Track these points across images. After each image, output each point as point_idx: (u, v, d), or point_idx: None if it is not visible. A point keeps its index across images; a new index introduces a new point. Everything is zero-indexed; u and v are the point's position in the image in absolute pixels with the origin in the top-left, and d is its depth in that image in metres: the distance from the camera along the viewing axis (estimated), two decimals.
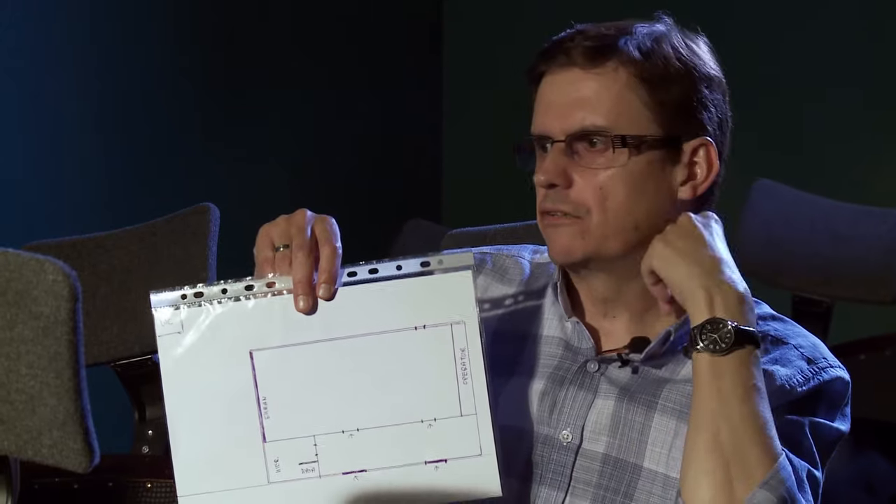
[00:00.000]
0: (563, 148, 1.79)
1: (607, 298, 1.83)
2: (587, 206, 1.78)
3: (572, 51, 1.80)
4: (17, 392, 1.62)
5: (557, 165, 1.78)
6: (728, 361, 1.69)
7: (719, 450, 1.67)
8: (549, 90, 1.82)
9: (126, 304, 2.76)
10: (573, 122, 1.79)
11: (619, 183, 1.78)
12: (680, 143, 1.81)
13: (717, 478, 1.67)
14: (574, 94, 1.79)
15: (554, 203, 1.79)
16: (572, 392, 1.81)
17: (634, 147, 1.78)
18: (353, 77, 5.11)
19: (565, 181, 1.78)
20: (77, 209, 4.09)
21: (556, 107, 1.80)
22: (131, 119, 4.31)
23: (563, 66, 1.80)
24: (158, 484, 2.39)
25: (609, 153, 1.78)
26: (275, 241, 1.70)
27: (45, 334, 1.61)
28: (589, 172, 1.78)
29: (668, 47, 1.82)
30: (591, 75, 1.79)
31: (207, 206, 2.77)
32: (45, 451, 1.63)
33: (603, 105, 1.78)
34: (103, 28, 4.21)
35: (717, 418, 1.68)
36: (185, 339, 1.70)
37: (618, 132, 1.78)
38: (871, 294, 3.62)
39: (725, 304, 1.71)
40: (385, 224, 4.69)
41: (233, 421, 1.69)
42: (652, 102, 1.79)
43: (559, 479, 1.79)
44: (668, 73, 1.80)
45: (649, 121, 1.79)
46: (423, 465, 1.70)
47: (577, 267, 1.81)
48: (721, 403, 1.68)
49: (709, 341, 1.70)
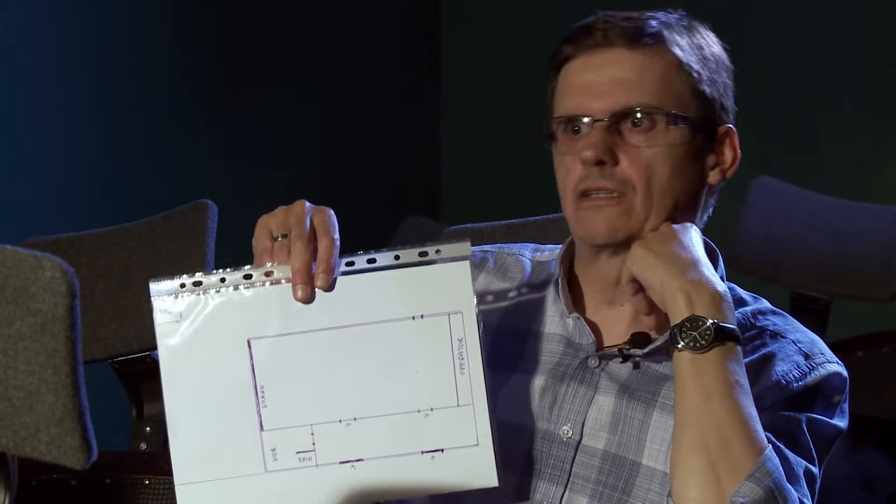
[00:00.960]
0: (606, 126, 1.79)
1: (619, 283, 1.82)
2: (632, 183, 1.78)
3: (611, 31, 1.80)
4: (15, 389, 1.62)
5: (605, 142, 1.78)
6: (708, 358, 1.70)
7: (705, 447, 1.67)
8: (583, 71, 1.81)
9: (124, 300, 2.76)
10: (618, 101, 1.79)
11: (663, 161, 1.79)
12: (714, 128, 1.83)
13: (703, 475, 1.67)
14: (616, 73, 1.80)
15: (597, 181, 1.78)
16: (573, 388, 1.81)
17: (680, 126, 1.79)
18: (352, 75, 5.11)
19: (612, 158, 1.78)
20: (75, 206, 4.08)
21: (595, 86, 1.80)
22: (129, 116, 4.30)
23: (601, 46, 1.80)
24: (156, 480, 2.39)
25: (653, 132, 1.79)
26: (273, 231, 1.70)
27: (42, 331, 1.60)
28: (633, 150, 1.79)
29: (700, 34, 1.85)
30: (634, 55, 1.80)
31: (205, 202, 2.77)
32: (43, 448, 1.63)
33: (647, 84, 1.79)
34: (102, 26, 4.21)
35: (700, 415, 1.68)
36: (183, 327, 1.70)
37: (666, 110, 1.79)
38: (869, 291, 3.63)
39: (703, 303, 1.71)
40: (383, 221, 4.69)
41: (230, 409, 1.70)
42: (692, 85, 1.81)
43: (558, 474, 1.79)
44: (704, 58, 1.83)
45: (690, 103, 1.81)
46: (420, 454, 1.70)
47: (611, 248, 1.81)
48: (704, 400, 1.69)
49: (689, 339, 1.70)
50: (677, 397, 1.72)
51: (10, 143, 3.91)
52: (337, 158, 5.06)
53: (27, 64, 3.96)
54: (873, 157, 4.82)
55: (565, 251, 1.88)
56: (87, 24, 4.16)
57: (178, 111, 4.49)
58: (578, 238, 1.84)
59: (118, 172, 4.26)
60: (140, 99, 4.34)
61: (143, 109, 4.35)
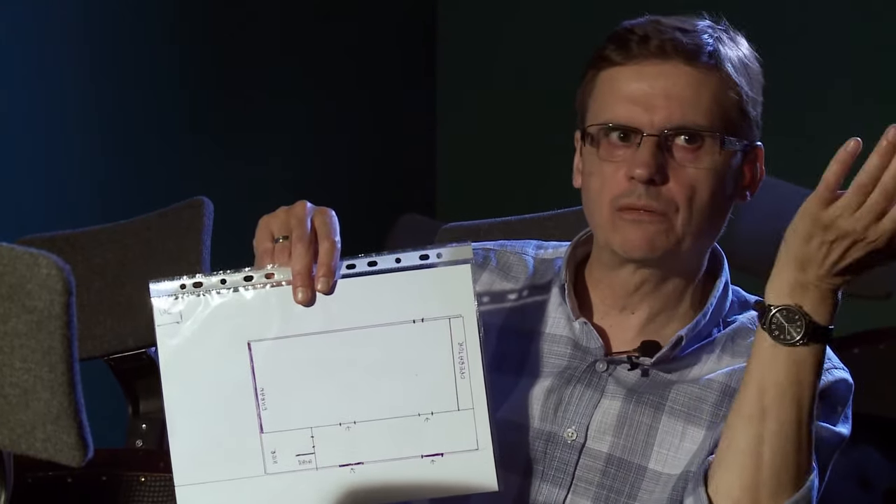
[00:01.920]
0: (657, 142, 1.76)
1: (637, 292, 1.81)
2: (676, 204, 1.76)
3: (668, 43, 1.76)
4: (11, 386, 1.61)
5: (656, 160, 1.75)
6: (788, 355, 1.64)
7: (756, 450, 1.64)
8: (634, 79, 1.77)
9: (120, 298, 2.75)
10: (671, 118, 1.76)
11: (707, 183, 1.76)
12: (752, 148, 1.81)
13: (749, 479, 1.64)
14: (671, 88, 1.76)
15: (644, 200, 1.75)
16: (579, 390, 1.81)
17: (728, 149, 1.77)
18: (348, 73, 5.11)
19: (662, 177, 1.75)
20: (71, 203, 4.08)
21: (646, 98, 1.76)
22: (126, 114, 4.30)
23: (658, 58, 1.77)
24: (152, 478, 2.39)
25: (701, 152, 1.76)
26: (274, 233, 1.70)
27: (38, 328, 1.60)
28: (681, 170, 1.76)
29: (745, 51, 1.82)
30: (693, 71, 1.76)
31: (201, 199, 2.77)
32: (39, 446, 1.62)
33: (703, 103, 1.76)
34: (99, 24, 4.21)
35: (763, 415, 1.65)
36: (183, 328, 1.70)
37: (717, 132, 1.76)
38: (865, 288, 3.62)
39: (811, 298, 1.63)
40: (380, 219, 4.69)
41: (230, 411, 1.69)
42: (740, 104, 1.78)
43: (562, 476, 1.78)
44: (749, 78, 1.80)
45: (736, 123, 1.78)
46: (420, 458, 1.69)
47: (646, 262, 1.79)
48: (775, 400, 1.64)
49: (776, 326, 1.63)
50: (744, 379, 1.67)
51: (6, 141, 3.91)
52: (333, 156, 5.06)
53: (24, 61, 3.96)
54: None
55: (571, 253, 1.87)
56: (84, 22, 4.16)
57: (175, 109, 4.49)
58: (611, 247, 1.80)
59: (114, 170, 4.26)
60: (137, 97, 4.33)
61: (140, 107, 4.35)
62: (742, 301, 1.86)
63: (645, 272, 1.80)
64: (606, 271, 1.83)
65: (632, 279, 1.81)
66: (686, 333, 1.79)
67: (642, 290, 1.81)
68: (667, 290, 1.81)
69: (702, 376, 1.80)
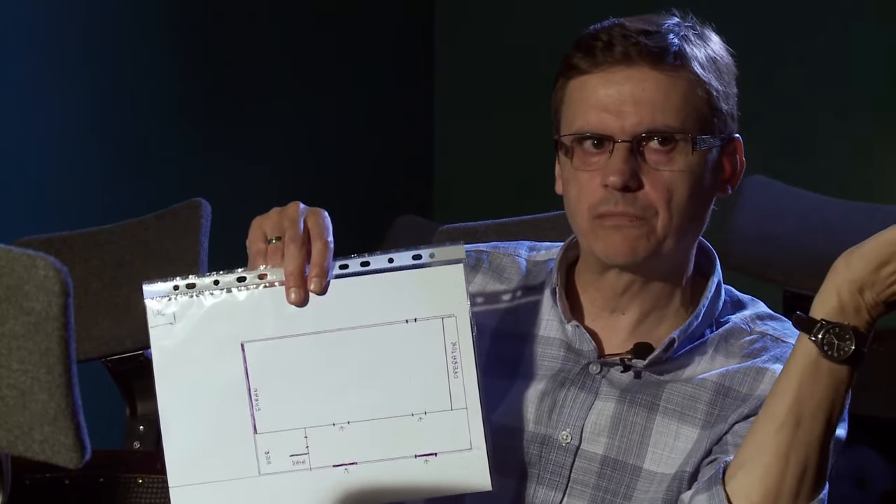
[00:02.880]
0: (630, 148, 1.76)
1: (625, 294, 1.82)
2: (655, 208, 1.76)
3: (632, 48, 1.76)
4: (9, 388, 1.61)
5: (629, 166, 1.75)
6: (831, 370, 1.64)
7: (786, 456, 1.64)
8: (602, 86, 1.77)
9: (117, 299, 2.75)
10: (641, 122, 1.75)
11: (684, 183, 1.76)
12: (728, 143, 1.81)
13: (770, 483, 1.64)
14: (639, 93, 1.76)
15: (621, 206, 1.75)
16: (573, 393, 1.81)
17: (701, 147, 1.77)
18: (345, 74, 5.11)
19: (636, 183, 1.76)
20: (68, 205, 4.08)
21: (615, 104, 1.76)
22: (123, 115, 4.30)
23: (623, 64, 1.76)
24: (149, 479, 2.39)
25: (674, 154, 1.76)
26: (267, 234, 1.69)
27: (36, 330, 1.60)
28: (655, 173, 1.76)
29: (715, 46, 1.82)
30: (659, 75, 1.76)
31: (199, 201, 2.77)
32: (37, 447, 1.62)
33: (672, 105, 1.76)
34: (96, 25, 4.21)
35: (798, 424, 1.64)
36: (177, 330, 1.70)
37: (690, 133, 1.76)
38: None
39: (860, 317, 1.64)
40: (377, 220, 4.69)
41: (224, 412, 1.69)
42: (710, 102, 1.78)
43: (557, 479, 1.79)
44: (720, 73, 1.80)
45: (708, 121, 1.78)
46: (414, 458, 1.70)
47: (630, 267, 1.79)
48: (808, 410, 1.64)
49: (827, 343, 1.63)
50: (780, 388, 1.66)
51: (3, 142, 3.91)
52: (330, 158, 5.06)
53: (20, 63, 3.96)
54: (866, 156, 4.82)
55: (563, 256, 1.87)
56: (81, 23, 4.15)
57: (172, 111, 4.49)
58: (594, 255, 1.80)
59: (112, 171, 4.26)
60: (134, 98, 4.33)
61: (137, 109, 4.35)
62: (735, 301, 1.86)
63: (630, 275, 1.80)
64: (593, 275, 1.83)
65: (618, 282, 1.81)
66: (678, 335, 1.79)
67: (630, 291, 1.81)
68: (655, 290, 1.82)
69: (695, 376, 1.80)
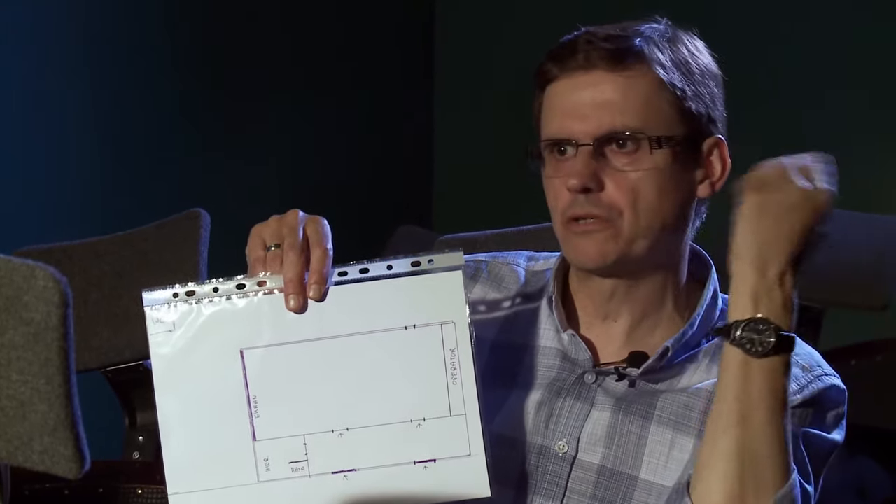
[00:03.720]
0: (591, 151, 1.77)
1: (613, 299, 1.82)
2: (619, 209, 1.77)
3: (593, 53, 1.78)
4: (8, 398, 1.61)
5: (589, 168, 1.77)
6: (763, 366, 1.66)
7: (739, 458, 1.66)
8: (567, 92, 1.80)
9: (117, 309, 2.75)
10: (602, 125, 1.77)
11: (649, 183, 1.78)
12: (700, 142, 1.82)
13: (731, 486, 1.65)
14: (599, 96, 1.78)
15: (585, 208, 1.77)
16: (569, 403, 1.81)
17: (665, 147, 1.78)
18: (345, 82, 5.11)
19: (598, 185, 1.77)
20: (68, 215, 4.08)
21: (578, 109, 1.78)
22: (123, 125, 4.30)
23: (584, 69, 1.79)
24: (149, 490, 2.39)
25: (638, 154, 1.77)
26: (266, 241, 1.70)
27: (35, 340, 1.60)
28: (619, 175, 1.78)
29: (683, 46, 1.83)
30: (617, 77, 1.78)
31: (198, 211, 2.77)
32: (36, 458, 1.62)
33: (631, 106, 1.78)
34: (96, 32, 4.21)
35: (742, 425, 1.66)
36: (176, 337, 1.70)
37: (650, 133, 1.78)
38: (861, 300, 3.62)
39: (775, 305, 1.66)
40: (377, 230, 4.68)
41: (223, 419, 1.69)
42: (675, 102, 1.79)
43: (554, 489, 1.79)
44: (687, 72, 1.81)
45: (674, 121, 1.79)
46: (413, 465, 1.70)
47: (604, 271, 1.80)
48: (749, 409, 1.66)
49: (747, 341, 1.66)
50: (719, 395, 1.69)
51: (2, 152, 3.91)
52: (330, 167, 5.06)
53: (20, 70, 3.96)
54: (865, 166, 4.82)
55: (560, 265, 1.88)
56: (81, 31, 4.16)
57: (172, 119, 4.49)
58: (570, 261, 1.83)
59: (111, 181, 4.26)
60: (134, 107, 4.33)
61: (137, 118, 4.35)
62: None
63: (613, 279, 1.81)
64: (582, 281, 1.85)
65: (603, 287, 1.82)
66: (672, 344, 1.79)
67: (617, 296, 1.82)
68: (642, 294, 1.82)
69: (690, 385, 1.80)
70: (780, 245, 1.67)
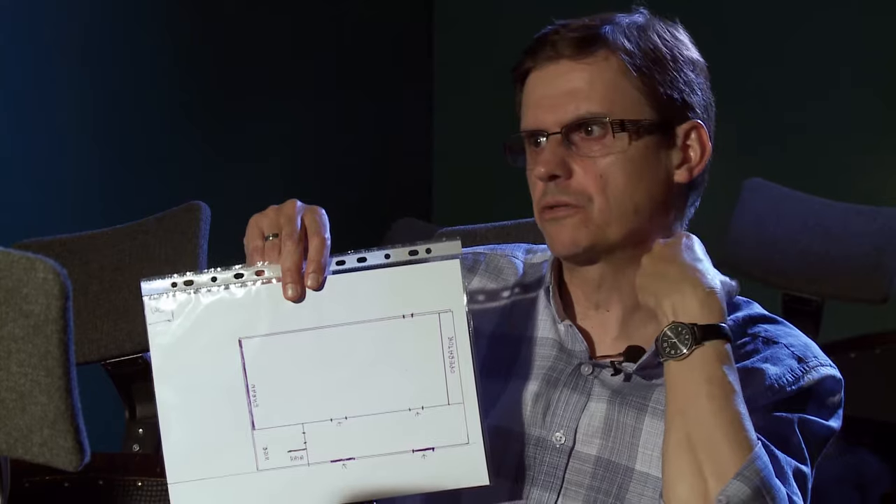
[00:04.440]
0: (560, 139, 1.79)
1: (601, 287, 1.83)
2: (588, 195, 1.79)
3: (559, 43, 1.80)
4: (8, 391, 1.61)
5: (556, 156, 1.79)
6: (690, 362, 1.71)
7: (690, 448, 1.68)
8: (538, 84, 1.82)
9: (117, 302, 2.75)
10: (568, 113, 1.79)
11: (618, 169, 1.79)
12: (673, 127, 1.82)
13: (690, 475, 1.67)
14: (565, 85, 1.80)
15: (555, 195, 1.79)
16: (566, 394, 1.82)
17: (632, 132, 1.79)
18: (345, 77, 5.11)
19: (566, 172, 1.79)
20: (68, 207, 4.08)
21: (547, 99, 1.81)
22: (123, 117, 4.30)
23: (551, 59, 1.81)
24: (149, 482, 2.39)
25: (606, 140, 1.79)
26: (264, 231, 1.71)
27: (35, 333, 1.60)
28: (587, 161, 1.79)
29: (654, 34, 1.84)
30: (581, 65, 1.80)
31: (198, 204, 2.77)
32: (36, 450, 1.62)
33: (597, 93, 1.79)
34: (94, 27, 4.20)
35: (685, 417, 1.69)
36: (174, 326, 1.70)
37: (615, 118, 1.78)
38: (861, 292, 3.63)
39: (685, 306, 1.72)
40: (376, 222, 4.69)
41: (222, 408, 1.70)
42: (644, 88, 1.80)
43: (551, 480, 1.79)
44: (657, 58, 1.82)
45: (643, 105, 1.80)
46: (411, 453, 1.70)
47: (579, 258, 1.82)
48: (688, 402, 1.69)
49: (669, 348, 1.72)
50: (666, 400, 1.72)
51: (2, 145, 3.91)
52: (329, 160, 5.06)
53: (18, 64, 3.96)
54: (865, 159, 4.82)
55: (556, 257, 1.88)
56: (79, 24, 4.15)
57: (172, 113, 4.49)
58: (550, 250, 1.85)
59: (111, 174, 4.26)
60: (133, 101, 4.33)
61: (136, 111, 4.34)
62: (729, 303, 1.86)
63: (597, 266, 1.82)
64: (570, 271, 1.86)
65: (590, 275, 1.83)
66: None
67: (605, 285, 1.83)
68: (628, 281, 1.82)
69: None
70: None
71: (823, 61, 4.88)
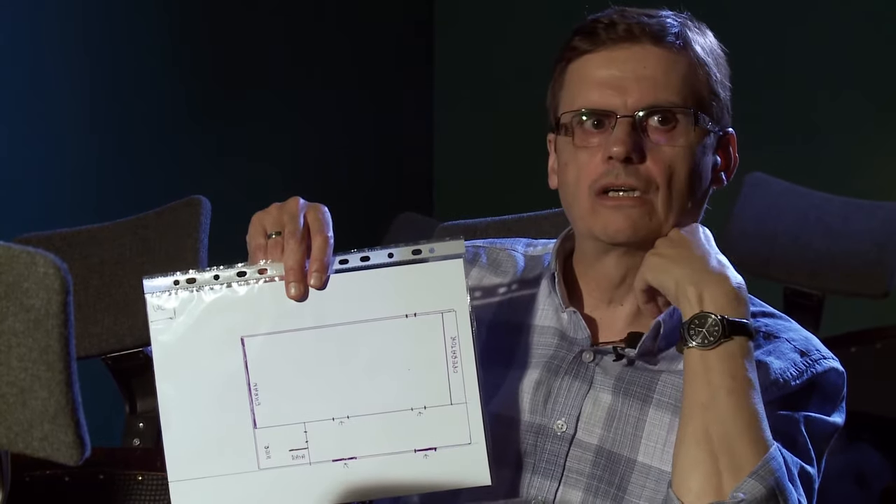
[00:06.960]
0: (633, 122, 1.77)
1: (621, 284, 1.83)
2: (656, 183, 1.77)
3: (634, 27, 1.79)
4: (8, 385, 1.61)
5: (632, 139, 1.77)
6: (716, 354, 1.70)
7: (707, 441, 1.67)
8: (603, 65, 1.79)
9: (117, 296, 2.75)
10: (643, 98, 1.78)
11: (684, 161, 1.78)
12: (725, 129, 1.83)
13: (705, 468, 1.67)
14: (642, 70, 1.78)
15: (622, 178, 1.77)
16: (567, 382, 1.81)
17: (701, 126, 1.79)
18: (345, 72, 5.11)
19: (639, 156, 1.77)
20: (68, 202, 4.08)
21: (620, 81, 1.78)
22: (124, 112, 4.30)
23: (625, 41, 1.79)
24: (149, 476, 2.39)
25: (678, 130, 1.78)
26: (267, 229, 1.70)
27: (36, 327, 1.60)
28: (657, 149, 1.78)
29: (709, 36, 1.85)
30: (659, 52, 1.79)
31: (198, 198, 2.77)
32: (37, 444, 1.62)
33: (673, 83, 1.78)
34: (95, 22, 4.20)
35: (705, 410, 1.68)
36: (177, 324, 1.70)
37: (691, 110, 1.78)
38: (861, 287, 3.63)
39: (713, 298, 1.71)
40: (377, 217, 4.69)
41: (224, 407, 1.70)
42: (710, 86, 1.81)
43: (552, 468, 1.79)
44: (717, 61, 1.83)
45: (707, 104, 1.81)
46: (413, 453, 1.70)
47: (624, 245, 1.80)
48: (710, 396, 1.69)
49: (697, 336, 1.70)
50: (685, 392, 1.71)
51: (3, 140, 3.91)
52: (331, 155, 5.06)
53: (20, 59, 3.96)
54: (866, 154, 4.82)
55: (560, 245, 1.88)
56: (80, 20, 4.15)
57: (173, 108, 4.49)
58: (593, 235, 1.81)
59: (111, 168, 4.26)
60: (134, 95, 4.33)
61: (137, 106, 4.34)
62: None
63: (627, 261, 1.81)
64: (591, 263, 1.84)
65: (615, 271, 1.82)
66: (665, 319, 1.80)
67: (626, 283, 1.82)
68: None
69: None
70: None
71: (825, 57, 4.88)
